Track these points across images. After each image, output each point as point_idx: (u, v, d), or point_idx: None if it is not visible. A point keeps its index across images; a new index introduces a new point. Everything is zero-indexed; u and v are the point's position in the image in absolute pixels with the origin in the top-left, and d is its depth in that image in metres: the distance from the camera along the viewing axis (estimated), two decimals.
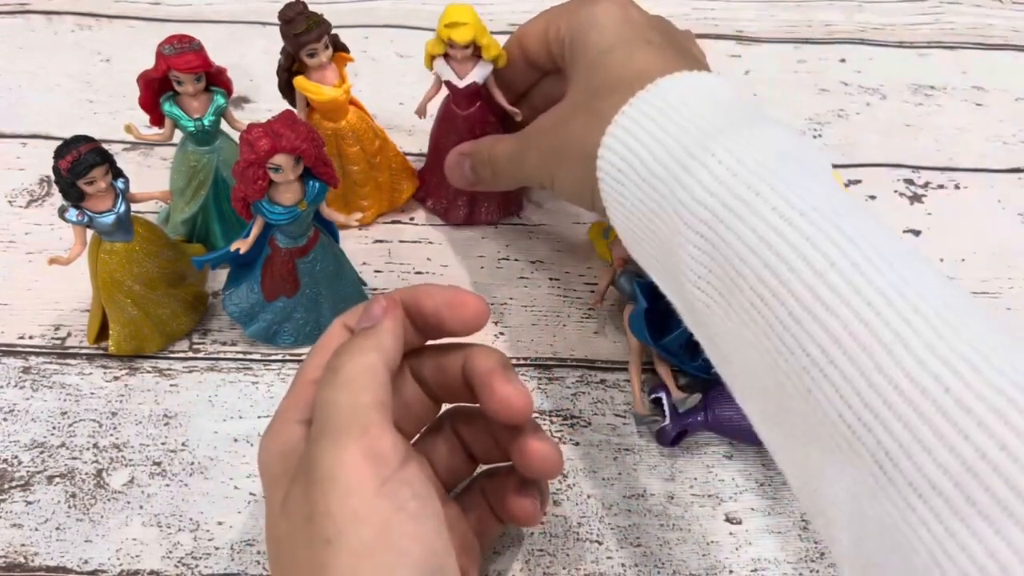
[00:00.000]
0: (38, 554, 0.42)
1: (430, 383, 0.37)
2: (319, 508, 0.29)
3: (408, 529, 0.28)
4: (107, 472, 0.45)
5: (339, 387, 0.31)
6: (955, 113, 0.63)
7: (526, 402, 0.34)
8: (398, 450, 0.30)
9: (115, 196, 0.43)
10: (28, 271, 0.52)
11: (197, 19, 0.68)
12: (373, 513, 0.28)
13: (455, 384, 0.36)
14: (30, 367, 0.48)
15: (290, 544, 0.30)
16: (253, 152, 0.40)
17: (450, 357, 0.36)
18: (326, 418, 0.30)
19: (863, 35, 0.68)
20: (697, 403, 0.45)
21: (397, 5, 0.69)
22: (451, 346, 0.37)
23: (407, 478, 0.30)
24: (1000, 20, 0.69)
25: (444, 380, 0.37)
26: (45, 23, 0.67)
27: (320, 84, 0.48)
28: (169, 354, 0.49)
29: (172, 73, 0.45)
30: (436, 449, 0.39)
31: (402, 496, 0.29)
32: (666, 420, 0.45)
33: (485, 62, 0.48)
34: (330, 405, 0.31)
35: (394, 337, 0.34)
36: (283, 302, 0.47)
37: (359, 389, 0.31)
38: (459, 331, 0.36)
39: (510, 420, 0.34)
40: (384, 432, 0.30)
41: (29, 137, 0.60)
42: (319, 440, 0.30)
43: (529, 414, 0.35)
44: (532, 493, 0.38)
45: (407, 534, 0.28)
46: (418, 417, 0.38)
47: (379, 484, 0.29)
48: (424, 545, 0.29)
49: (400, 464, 0.30)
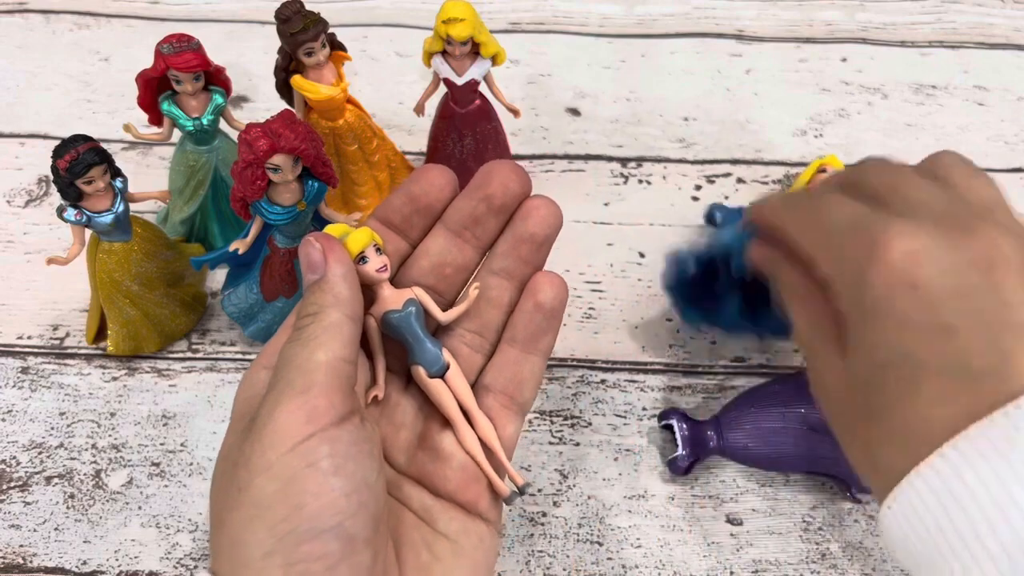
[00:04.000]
0: (36, 555, 0.42)
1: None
2: (243, 456, 0.29)
3: (310, 486, 0.28)
4: (106, 473, 0.44)
5: (300, 344, 0.31)
6: (956, 113, 0.63)
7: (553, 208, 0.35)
8: (335, 410, 0.29)
9: (113, 196, 0.43)
10: (26, 271, 0.52)
11: (196, 18, 0.67)
12: (283, 467, 0.28)
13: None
14: (28, 367, 0.48)
15: (217, 486, 0.30)
16: (252, 152, 0.40)
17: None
18: (278, 374, 0.30)
19: (864, 34, 0.68)
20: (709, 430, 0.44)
21: (396, 4, 0.69)
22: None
23: (333, 437, 0.29)
24: (1002, 19, 0.69)
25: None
26: (43, 22, 0.67)
27: (318, 83, 0.48)
28: (168, 354, 0.49)
29: (171, 72, 0.45)
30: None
31: (318, 453, 0.28)
32: (679, 449, 0.44)
33: (483, 59, 0.48)
34: (284, 360, 0.30)
35: (347, 282, 0.32)
36: (282, 302, 0.47)
37: (316, 348, 0.30)
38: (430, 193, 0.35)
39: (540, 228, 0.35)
40: (325, 391, 0.29)
41: (27, 137, 0.59)
42: (267, 394, 0.30)
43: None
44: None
45: (307, 490, 0.28)
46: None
47: (299, 440, 0.28)
48: (323, 502, 0.28)
49: (333, 422, 0.29)
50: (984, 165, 0.59)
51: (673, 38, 0.67)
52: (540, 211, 0.35)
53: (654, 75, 0.65)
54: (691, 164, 0.59)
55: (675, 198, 0.57)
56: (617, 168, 0.59)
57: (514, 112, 0.52)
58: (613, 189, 0.58)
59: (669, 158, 0.59)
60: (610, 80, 0.64)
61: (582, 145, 0.60)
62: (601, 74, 0.65)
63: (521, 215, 0.35)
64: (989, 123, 0.62)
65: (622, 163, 0.59)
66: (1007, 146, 0.61)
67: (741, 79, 0.65)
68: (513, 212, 0.35)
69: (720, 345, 0.50)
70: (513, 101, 0.52)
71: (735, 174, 0.58)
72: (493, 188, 0.35)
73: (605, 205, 0.57)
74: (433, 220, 0.36)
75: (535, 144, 0.60)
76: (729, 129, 0.61)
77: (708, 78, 0.65)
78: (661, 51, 0.66)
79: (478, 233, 0.35)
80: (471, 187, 0.35)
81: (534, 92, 0.63)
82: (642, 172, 0.59)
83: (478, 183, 0.35)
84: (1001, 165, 0.59)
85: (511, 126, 0.55)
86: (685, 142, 0.60)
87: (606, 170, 0.59)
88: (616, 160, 0.59)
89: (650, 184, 0.58)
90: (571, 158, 0.59)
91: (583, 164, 0.59)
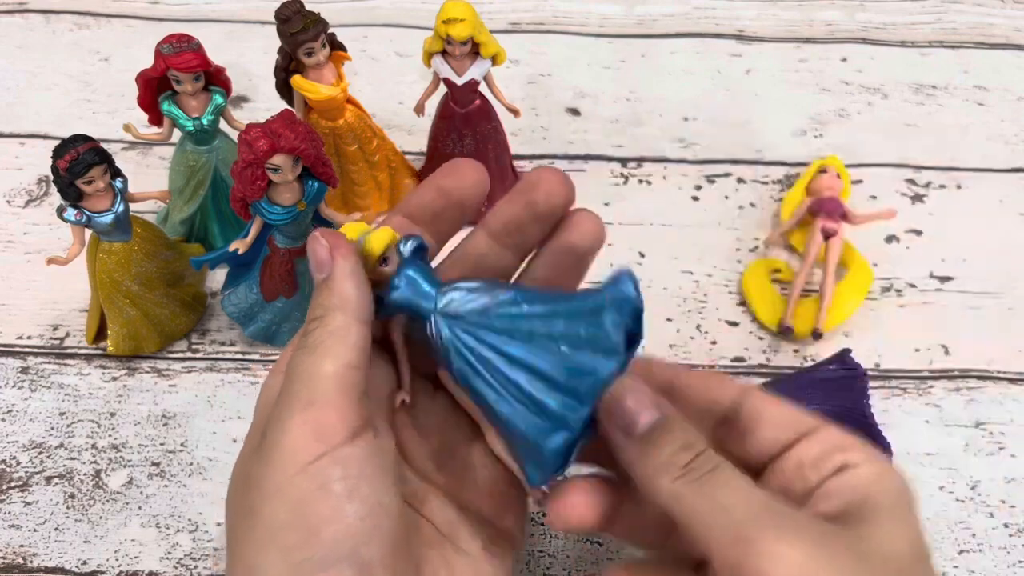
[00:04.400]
0: (37, 555, 0.42)
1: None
2: (253, 476, 0.28)
3: (323, 510, 0.27)
4: (106, 473, 0.44)
5: (306, 352, 0.29)
6: (957, 113, 0.63)
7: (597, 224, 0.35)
8: (347, 424, 0.28)
9: (113, 196, 0.43)
10: (26, 271, 0.52)
11: (196, 18, 0.67)
12: (294, 489, 0.27)
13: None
14: (28, 367, 0.48)
15: (231, 503, 0.30)
16: (252, 152, 0.40)
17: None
18: (285, 386, 0.29)
19: (864, 34, 0.68)
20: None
21: (396, 4, 0.69)
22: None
23: (345, 456, 0.28)
24: (1002, 19, 0.69)
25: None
26: (43, 22, 0.67)
27: (318, 83, 0.48)
28: (168, 354, 0.49)
29: (171, 72, 0.45)
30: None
31: (330, 475, 0.27)
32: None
33: (483, 59, 0.48)
34: (290, 370, 0.29)
35: (353, 281, 0.30)
36: (282, 302, 0.47)
37: (323, 355, 0.29)
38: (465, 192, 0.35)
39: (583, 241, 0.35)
40: (334, 404, 0.28)
41: (27, 137, 0.59)
42: (275, 408, 0.29)
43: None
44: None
45: (320, 515, 0.27)
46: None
47: (310, 460, 0.27)
48: (337, 528, 0.27)
49: (345, 440, 0.28)
50: (984, 165, 0.59)
51: (673, 38, 0.67)
52: (585, 224, 0.35)
53: (654, 75, 0.65)
54: (691, 164, 0.59)
55: (675, 198, 0.57)
56: (617, 168, 0.59)
57: (514, 112, 0.52)
58: (613, 189, 0.58)
59: (669, 158, 0.59)
60: (610, 80, 0.64)
61: (582, 145, 0.60)
62: (601, 74, 0.65)
63: (566, 226, 0.35)
64: (989, 123, 0.62)
65: (622, 163, 0.59)
66: (1007, 146, 0.61)
67: (741, 79, 0.65)
68: (556, 221, 0.35)
69: (720, 345, 0.50)
70: (513, 101, 0.52)
71: (735, 174, 0.58)
72: (538, 195, 0.34)
73: (605, 205, 0.57)
74: (463, 216, 0.35)
75: (535, 144, 0.60)
76: (729, 129, 0.61)
77: (708, 78, 0.65)
78: (661, 51, 0.66)
79: (518, 239, 0.35)
80: (516, 191, 0.35)
81: (534, 92, 0.63)
82: (642, 172, 0.59)
83: (523, 188, 0.34)
84: (1001, 165, 0.59)
85: (511, 126, 0.55)
86: (685, 142, 0.60)
87: (606, 170, 0.59)
88: (616, 160, 0.59)
89: (650, 184, 0.58)
90: (571, 158, 0.59)
91: (583, 164, 0.59)
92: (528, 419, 0.29)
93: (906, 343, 0.50)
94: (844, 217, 0.51)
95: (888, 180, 0.58)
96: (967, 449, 0.46)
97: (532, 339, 0.30)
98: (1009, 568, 0.42)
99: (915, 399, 0.48)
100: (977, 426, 0.47)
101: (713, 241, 0.55)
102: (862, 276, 0.51)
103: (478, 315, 0.30)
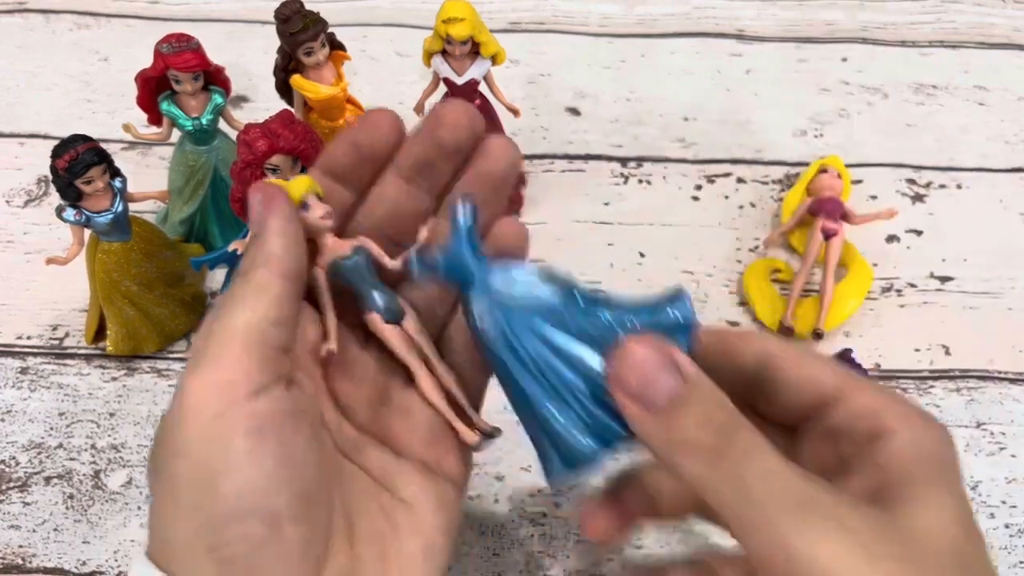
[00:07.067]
0: (36, 555, 0.42)
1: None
2: (160, 436, 0.28)
3: (222, 466, 0.26)
4: (105, 473, 0.44)
5: (223, 307, 0.28)
6: (957, 113, 0.63)
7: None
8: (252, 379, 0.27)
9: (113, 196, 0.43)
10: (26, 271, 0.52)
11: (195, 18, 0.67)
12: (195, 448, 0.27)
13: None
14: (28, 367, 0.48)
15: (148, 469, 0.30)
16: (251, 153, 0.40)
17: None
18: (196, 343, 0.29)
19: (865, 34, 0.68)
20: None
21: (396, 4, 0.69)
22: None
23: (251, 411, 0.27)
24: (1002, 19, 0.69)
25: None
26: (43, 22, 0.67)
27: (318, 83, 0.48)
28: (167, 354, 0.49)
29: (170, 72, 0.45)
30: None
31: (233, 431, 0.27)
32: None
33: (483, 59, 0.48)
34: (204, 328, 0.29)
35: (282, 238, 0.29)
36: None
37: (237, 309, 0.28)
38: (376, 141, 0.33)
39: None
40: (238, 359, 0.27)
41: (27, 136, 0.59)
42: (186, 366, 0.28)
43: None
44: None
45: (220, 471, 0.26)
46: None
47: (212, 417, 0.27)
48: (239, 484, 0.26)
49: (250, 394, 0.27)
50: (984, 165, 0.59)
51: (673, 38, 0.67)
52: (497, 150, 0.33)
53: (654, 75, 0.65)
54: (691, 164, 0.59)
55: (675, 198, 0.57)
56: (617, 168, 0.59)
57: (514, 112, 0.52)
58: (613, 189, 0.58)
59: (669, 158, 0.59)
60: (610, 80, 0.64)
61: (582, 145, 0.60)
62: (601, 74, 0.65)
63: (477, 156, 0.33)
64: (989, 123, 0.62)
65: (622, 163, 0.59)
66: (1007, 146, 0.61)
67: (741, 79, 0.65)
68: (466, 155, 0.33)
69: None
70: (513, 101, 0.52)
71: (735, 174, 0.58)
72: (444, 131, 0.32)
73: (605, 205, 0.56)
74: (379, 167, 0.34)
75: (535, 144, 0.60)
76: (729, 129, 0.61)
77: (708, 78, 0.64)
78: (661, 51, 0.66)
79: (431, 178, 0.33)
80: (420, 130, 0.33)
81: (534, 92, 0.63)
82: (642, 172, 0.58)
83: (428, 126, 0.33)
84: (1001, 165, 0.59)
85: (511, 126, 0.55)
86: (685, 142, 0.60)
87: (606, 170, 0.59)
88: (616, 160, 0.59)
89: (650, 184, 0.58)
90: (571, 158, 0.59)
91: (583, 164, 0.59)
92: (569, 417, 0.28)
93: (906, 343, 0.50)
94: (844, 217, 0.51)
95: (888, 180, 0.58)
96: (968, 449, 0.46)
97: (586, 340, 0.28)
98: (1010, 568, 0.42)
99: (915, 399, 0.48)
100: (978, 426, 0.47)
101: (713, 241, 0.55)
102: (862, 276, 0.51)
103: (533, 301, 0.29)
